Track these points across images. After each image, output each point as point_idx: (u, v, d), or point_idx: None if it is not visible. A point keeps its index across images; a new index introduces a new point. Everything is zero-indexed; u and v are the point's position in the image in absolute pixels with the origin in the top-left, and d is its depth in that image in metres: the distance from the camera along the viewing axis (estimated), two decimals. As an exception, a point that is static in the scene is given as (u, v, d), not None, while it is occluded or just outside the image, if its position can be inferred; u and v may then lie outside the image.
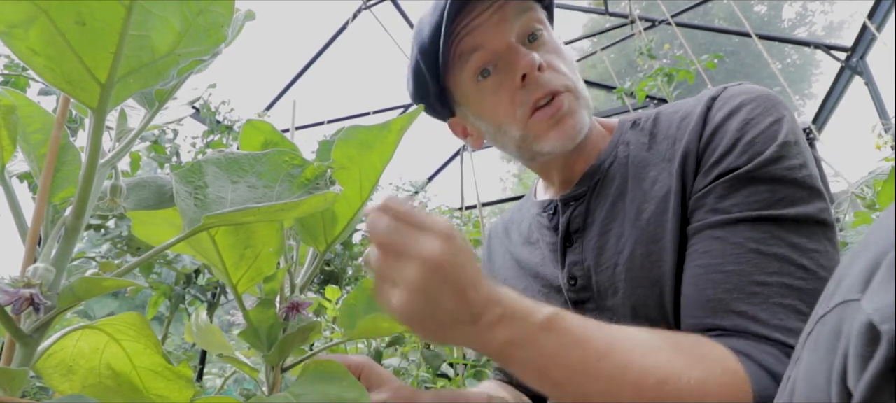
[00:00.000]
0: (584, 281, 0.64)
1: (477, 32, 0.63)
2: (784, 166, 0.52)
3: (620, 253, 0.60)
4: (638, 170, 0.63)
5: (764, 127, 0.54)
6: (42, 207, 0.44)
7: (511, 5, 0.62)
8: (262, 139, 0.57)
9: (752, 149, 0.53)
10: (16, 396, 0.38)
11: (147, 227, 0.54)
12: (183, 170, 0.45)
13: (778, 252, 0.49)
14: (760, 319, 0.47)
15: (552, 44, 0.65)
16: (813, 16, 16.05)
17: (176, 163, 2.36)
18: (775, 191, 0.51)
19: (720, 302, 0.50)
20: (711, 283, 0.51)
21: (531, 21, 0.63)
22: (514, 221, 0.84)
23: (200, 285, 2.03)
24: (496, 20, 0.62)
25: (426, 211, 0.43)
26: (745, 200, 0.52)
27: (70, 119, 1.54)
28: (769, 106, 0.56)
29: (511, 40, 0.63)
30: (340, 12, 4.14)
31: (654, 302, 0.57)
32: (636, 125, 0.67)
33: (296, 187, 0.46)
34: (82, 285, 0.39)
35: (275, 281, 0.54)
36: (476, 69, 0.65)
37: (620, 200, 0.63)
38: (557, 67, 0.63)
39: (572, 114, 0.63)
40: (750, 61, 13.65)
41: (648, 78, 2.35)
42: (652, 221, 0.58)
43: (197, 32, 0.40)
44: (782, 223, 0.50)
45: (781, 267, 0.48)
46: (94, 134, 0.40)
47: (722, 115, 0.57)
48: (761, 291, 0.48)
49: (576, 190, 0.68)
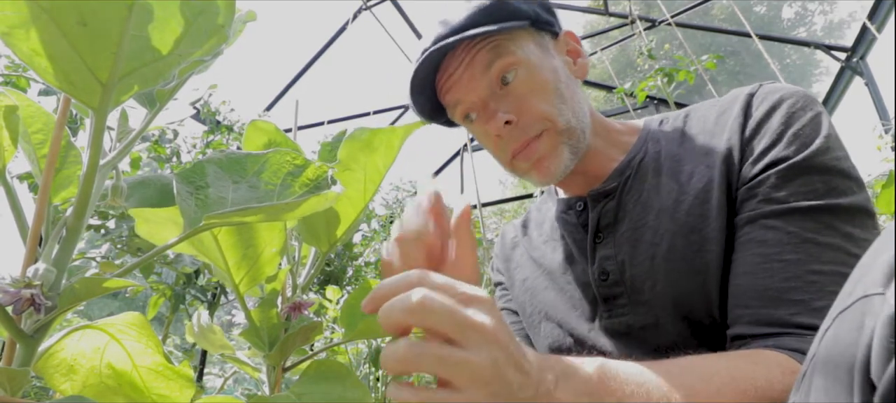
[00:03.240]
0: (617, 276, 0.64)
1: (453, 89, 0.65)
2: (833, 156, 0.53)
3: (657, 246, 0.61)
4: (672, 163, 0.63)
5: (807, 120, 0.55)
6: (43, 207, 0.44)
7: (479, 58, 0.62)
8: (266, 139, 0.57)
9: (798, 139, 0.54)
10: (16, 396, 0.38)
11: (150, 225, 0.54)
12: (184, 170, 0.45)
13: (833, 242, 0.50)
14: (815, 308, 0.48)
15: (531, 79, 0.63)
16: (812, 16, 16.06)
17: (176, 163, 2.36)
18: (828, 182, 0.52)
19: (778, 291, 0.50)
20: (769, 272, 0.52)
21: (502, 66, 0.62)
22: (533, 220, 0.84)
23: (200, 285, 2.03)
24: (467, 78, 0.63)
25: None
26: (799, 189, 0.53)
27: (71, 119, 1.54)
28: (807, 101, 0.57)
29: (482, 95, 0.64)
30: (340, 12, 4.14)
31: (698, 292, 0.57)
32: (665, 123, 0.68)
33: (297, 187, 0.46)
34: (83, 285, 0.39)
35: (277, 281, 0.54)
36: (462, 117, 0.68)
37: (654, 194, 0.63)
38: (530, 109, 0.62)
39: (549, 154, 0.64)
40: (750, 61, 13.65)
41: (648, 78, 2.35)
42: (692, 213, 0.59)
43: (198, 33, 0.40)
44: (837, 212, 0.51)
45: (836, 256, 0.49)
46: (95, 134, 0.40)
47: (764, 109, 0.58)
48: (818, 280, 0.49)
49: (606, 185, 0.68)
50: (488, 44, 0.62)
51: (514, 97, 0.63)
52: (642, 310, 0.62)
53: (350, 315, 0.63)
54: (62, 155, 0.50)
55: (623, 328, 0.64)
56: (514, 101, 0.63)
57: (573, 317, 0.70)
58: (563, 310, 0.71)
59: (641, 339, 0.62)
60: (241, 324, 0.56)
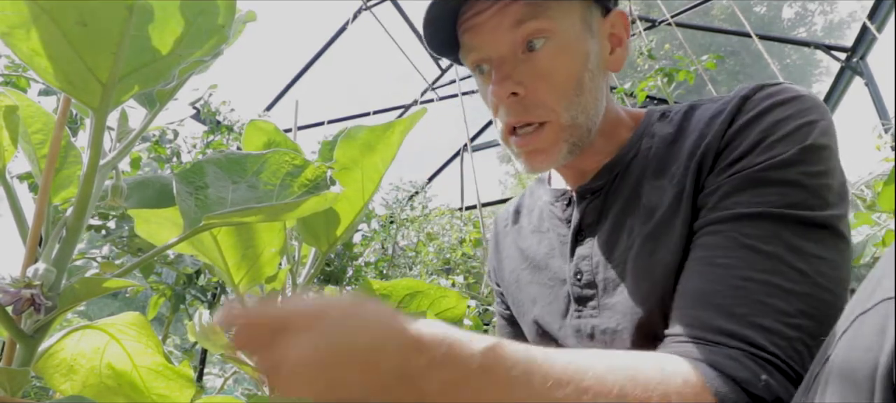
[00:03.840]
0: (590, 277, 0.63)
1: (474, 32, 0.60)
2: (800, 170, 0.50)
3: (630, 250, 0.59)
4: (659, 164, 0.60)
5: (791, 129, 0.52)
6: (43, 207, 0.44)
7: (512, 10, 0.57)
8: (265, 139, 0.57)
9: (770, 150, 0.51)
10: (16, 396, 0.38)
11: (149, 225, 0.54)
12: (184, 171, 0.45)
13: (773, 251, 0.47)
14: (736, 314, 0.46)
15: (556, 57, 0.59)
16: (812, 16, 16.05)
17: (176, 163, 2.36)
18: (785, 194, 0.49)
19: (703, 293, 0.49)
20: (699, 276, 0.50)
21: (532, 29, 0.57)
22: (525, 206, 0.81)
23: (201, 285, 2.03)
24: (493, 24, 0.58)
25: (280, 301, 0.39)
26: (750, 199, 0.50)
27: (71, 119, 1.54)
28: (804, 108, 0.53)
29: (502, 52, 0.59)
30: (340, 12, 4.14)
31: (656, 301, 0.56)
32: (665, 117, 0.64)
33: (297, 187, 0.46)
34: (83, 285, 0.39)
35: (277, 281, 0.55)
36: (474, 64, 0.63)
37: (636, 197, 0.61)
38: (542, 94, 0.59)
39: (546, 150, 0.60)
40: (750, 61, 13.62)
41: (648, 78, 2.35)
42: (662, 222, 0.57)
43: (198, 33, 0.40)
44: (786, 222, 0.48)
45: (774, 265, 0.47)
46: (95, 134, 0.40)
47: (749, 117, 0.55)
48: (745, 286, 0.47)
49: (593, 182, 0.65)
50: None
51: (532, 69, 0.59)
52: (607, 315, 0.61)
53: (350, 315, 0.63)
54: (62, 155, 0.50)
55: (588, 329, 0.63)
56: (530, 74, 0.59)
57: (548, 313, 0.69)
58: (541, 305, 0.70)
59: (603, 343, 0.61)
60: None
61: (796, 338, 0.44)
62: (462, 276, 2.85)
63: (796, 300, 0.45)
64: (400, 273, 3.42)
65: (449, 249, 3.35)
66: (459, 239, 3.43)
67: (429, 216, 3.94)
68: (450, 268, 3.27)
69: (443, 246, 3.47)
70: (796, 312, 0.45)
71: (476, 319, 1.77)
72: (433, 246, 3.42)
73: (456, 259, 3.22)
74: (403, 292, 0.65)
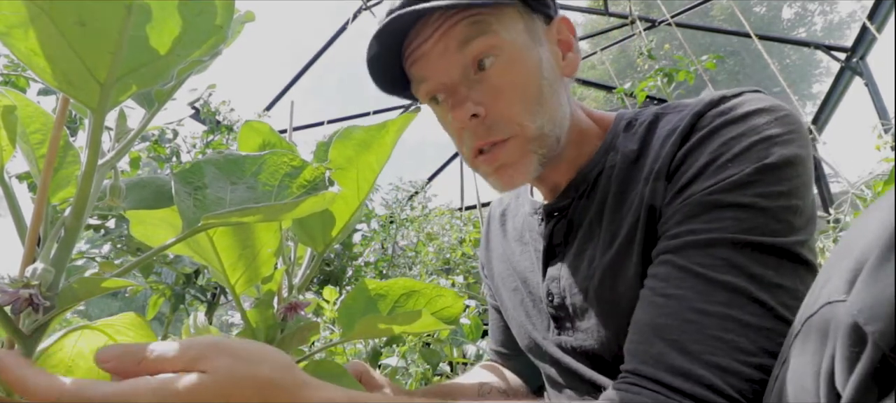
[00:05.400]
0: (560, 300, 0.62)
1: (422, 63, 0.57)
2: (755, 192, 0.45)
3: (591, 279, 0.57)
4: (620, 188, 0.57)
5: (742, 148, 0.47)
6: (41, 207, 0.44)
7: (456, 32, 0.55)
8: (260, 140, 0.57)
9: (722, 172, 0.47)
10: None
11: (145, 227, 0.54)
12: (182, 171, 0.45)
13: (730, 281, 0.43)
14: (689, 351, 0.41)
15: (510, 70, 0.56)
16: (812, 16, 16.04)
17: (176, 163, 2.36)
18: (741, 219, 0.44)
19: (654, 327, 0.45)
20: (651, 307, 0.46)
21: (480, 47, 0.55)
22: (511, 209, 0.80)
23: (200, 285, 2.03)
24: (439, 51, 0.56)
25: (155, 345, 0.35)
26: (702, 226, 0.46)
27: (70, 119, 1.54)
28: (763, 123, 0.48)
29: (453, 77, 0.57)
30: (340, 12, 4.14)
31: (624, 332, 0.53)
32: (630, 127, 0.60)
33: (295, 188, 0.46)
34: (82, 285, 0.39)
35: (273, 282, 0.55)
36: (427, 96, 0.61)
37: (598, 221, 0.58)
38: (502, 109, 0.56)
39: (514, 163, 0.57)
40: (750, 61, 13.62)
41: (648, 78, 2.35)
42: (620, 252, 0.54)
43: (196, 33, 0.40)
44: (741, 249, 0.44)
45: (731, 298, 0.42)
46: (93, 134, 0.40)
47: (700, 135, 0.50)
48: (698, 321, 0.42)
49: (560, 201, 0.63)
50: (469, 17, 0.54)
51: (487, 87, 0.56)
52: (582, 337, 0.60)
53: (347, 315, 0.63)
54: (61, 155, 0.50)
55: (568, 346, 0.62)
56: (487, 93, 0.56)
57: (530, 323, 0.69)
58: (524, 314, 0.70)
59: (587, 359, 0.60)
60: (240, 325, 0.56)
61: (758, 380, 0.40)
62: (462, 276, 2.85)
63: (756, 335, 0.41)
64: (400, 273, 3.42)
65: (449, 249, 3.36)
66: (459, 239, 3.43)
67: (429, 216, 3.95)
68: (449, 268, 3.27)
69: (442, 246, 3.47)
70: (758, 350, 0.41)
71: (475, 319, 1.77)
72: (433, 246, 3.42)
73: (456, 259, 3.23)
74: (399, 291, 0.65)
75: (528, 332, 0.70)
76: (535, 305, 0.69)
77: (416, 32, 0.57)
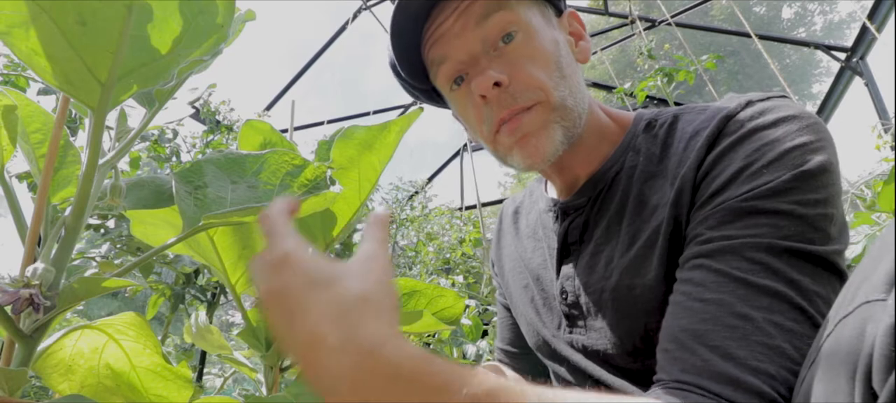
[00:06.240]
0: (574, 298, 0.61)
1: (441, 42, 0.57)
2: (793, 199, 0.44)
3: (607, 279, 0.56)
4: (642, 188, 0.56)
5: (776, 154, 0.46)
6: (42, 207, 0.44)
7: (476, 7, 0.55)
8: (261, 139, 0.57)
9: (756, 178, 0.45)
10: (15, 396, 0.38)
11: (145, 227, 0.54)
12: (183, 170, 0.45)
13: (770, 286, 0.41)
14: (735, 356, 0.40)
15: (530, 43, 0.57)
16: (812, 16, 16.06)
17: (176, 163, 2.36)
18: (779, 227, 0.43)
19: (694, 333, 0.42)
20: (687, 313, 0.44)
21: (500, 21, 0.56)
22: (524, 206, 0.79)
23: (200, 285, 2.03)
24: (458, 28, 0.56)
25: None
26: (738, 232, 0.44)
27: (70, 119, 1.54)
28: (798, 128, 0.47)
29: (474, 51, 0.57)
30: (340, 12, 4.14)
31: (639, 334, 0.53)
32: (651, 128, 0.60)
33: (296, 187, 0.46)
34: (82, 285, 0.39)
35: (274, 281, 0.54)
36: (448, 78, 0.60)
37: (617, 221, 0.57)
38: (526, 77, 0.56)
39: (538, 132, 0.56)
40: (750, 61, 13.64)
41: (648, 78, 2.35)
42: (639, 256, 0.53)
43: (197, 32, 0.40)
44: (778, 254, 0.42)
45: (772, 302, 0.41)
46: (94, 133, 0.40)
47: (731, 141, 0.49)
48: (742, 325, 0.40)
49: (576, 198, 0.62)
50: None
51: (509, 59, 0.56)
52: (594, 336, 0.59)
53: (349, 314, 0.63)
54: (61, 154, 0.50)
55: (579, 345, 0.62)
56: (508, 64, 0.56)
57: (540, 320, 0.69)
58: (534, 311, 0.70)
59: (597, 358, 0.60)
60: (241, 325, 0.56)
61: None
62: (462, 276, 2.85)
63: (799, 341, 0.39)
64: (400, 272, 3.42)
65: (449, 249, 3.36)
66: (459, 238, 3.43)
67: (429, 216, 3.95)
68: (449, 268, 3.28)
69: (443, 245, 3.47)
70: (800, 357, 0.39)
71: (476, 319, 1.77)
72: (433, 246, 3.42)
73: (456, 259, 3.23)
74: (400, 292, 0.65)
75: (537, 329, 0.70)
76: (545, 302, 0.69)
77: (433, 17, 0.58)
